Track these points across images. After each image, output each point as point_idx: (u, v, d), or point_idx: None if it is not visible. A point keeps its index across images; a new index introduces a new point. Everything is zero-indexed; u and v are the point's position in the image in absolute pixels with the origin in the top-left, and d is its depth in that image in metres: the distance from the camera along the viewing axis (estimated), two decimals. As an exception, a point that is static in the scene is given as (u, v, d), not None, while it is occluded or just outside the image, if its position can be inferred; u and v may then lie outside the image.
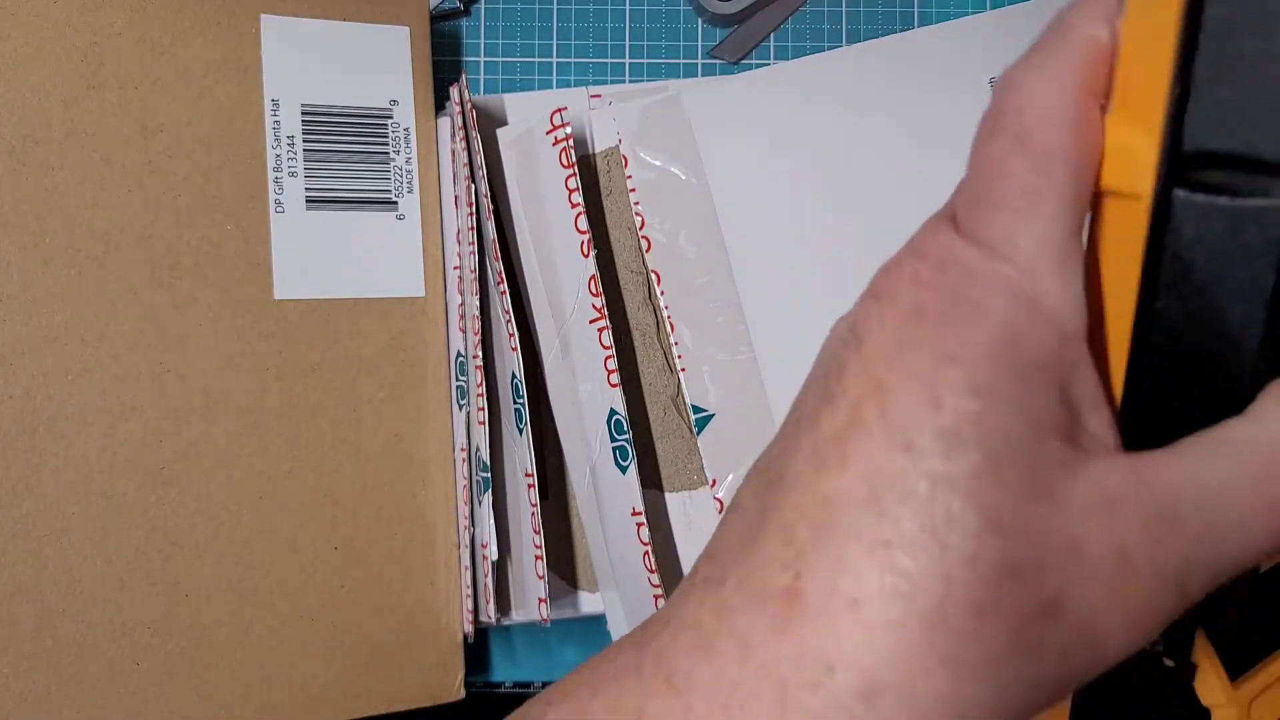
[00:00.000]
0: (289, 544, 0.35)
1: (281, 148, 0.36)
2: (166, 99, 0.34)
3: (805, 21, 0.40)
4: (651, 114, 0.37)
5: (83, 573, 0.33)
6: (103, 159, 0.33)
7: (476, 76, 0.40)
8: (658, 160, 0.37)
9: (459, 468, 0.37)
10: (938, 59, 0.37)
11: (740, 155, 0.37)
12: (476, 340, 0.35)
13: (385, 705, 0.35)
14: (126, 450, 0.33)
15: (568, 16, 0.40)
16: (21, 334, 0.32)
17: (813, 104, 0.37)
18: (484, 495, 0.36)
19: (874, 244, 0.36)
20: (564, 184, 0.36)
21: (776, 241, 0.36)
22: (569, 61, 0.40)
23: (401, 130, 0.37)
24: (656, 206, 0.36)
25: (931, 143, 0.37)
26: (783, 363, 0.36)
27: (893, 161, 0.37)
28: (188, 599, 0.34)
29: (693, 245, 0.36)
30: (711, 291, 0.36)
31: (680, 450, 0.37)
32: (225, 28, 0.35)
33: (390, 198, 0.37)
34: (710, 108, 0.37)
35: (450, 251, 0.38)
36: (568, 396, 0.36)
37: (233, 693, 0.34)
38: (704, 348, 0.36)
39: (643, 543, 0.34)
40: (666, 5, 0.40)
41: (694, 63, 0.40)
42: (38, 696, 0.32)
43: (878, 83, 0.37)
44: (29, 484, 0.32)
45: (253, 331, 0.35)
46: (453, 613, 0.37)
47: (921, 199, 0.39)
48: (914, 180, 0.37)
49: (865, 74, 0.37)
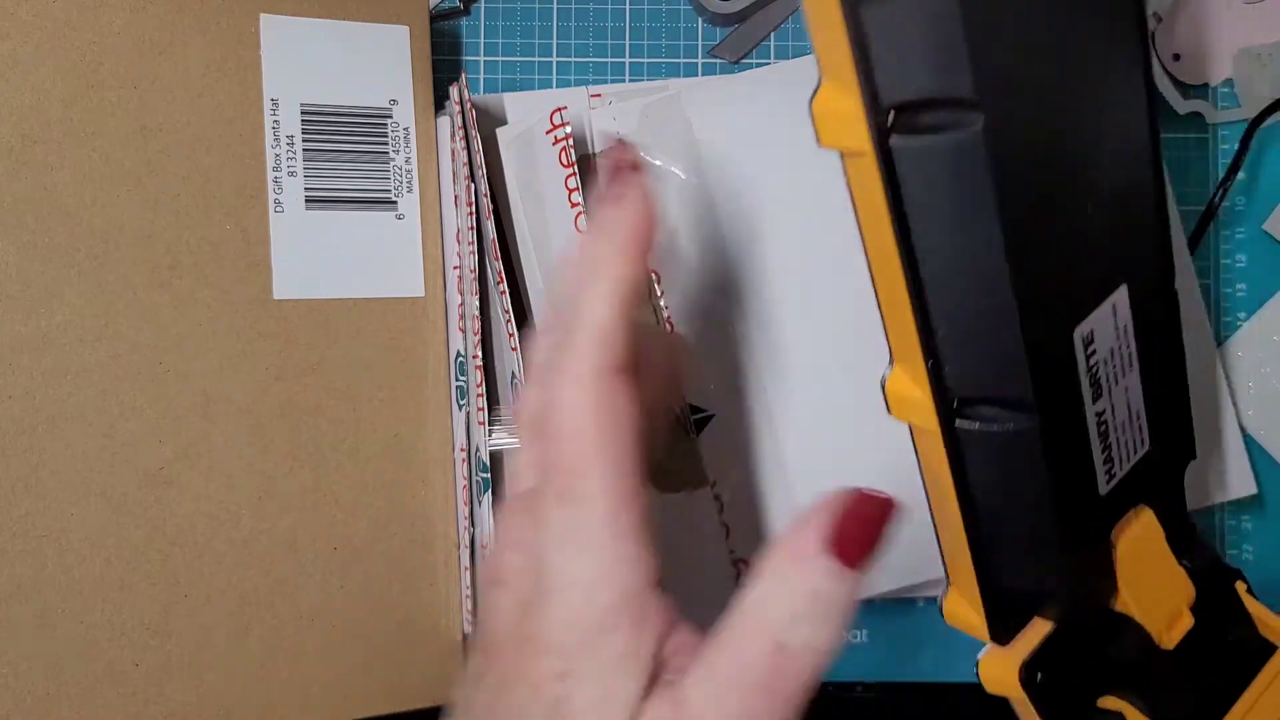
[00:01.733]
0: (289, 544, 0.35)
1: (281, 147, 0.36)
2: (166, 99, 0.34)
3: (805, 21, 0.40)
4: (651, 114, 0.37)
5: (82, 573, 0.33)
6: (102, 159, 0.33)
7: (476, 76, 0.40)
8: (658, 160, 0.37)
9: (459, 468, 0.37)
10: (938, 59, 0.37)
11: (740, 155, 0.37)
12: (476, 340, 0.35)
13: (385, 706, 0.35)
14: (126, 450, 0.33)
15: (568, 16, 0.40)
16: (21, 334, 0.32)
17: (813, 104, 0.37)
18: (484, 495, 0.36)
19: (874, 244, 0.36)
20: (564, 184, 0.35)
21: (777, 241, 0.36)
22: (569, 61, 0.40)
23: (401, 130, 0.37)
24: (656, 206, 0.36)
25: (932, 143, 0.37)
26: (783, 363, 0.36)
27: (893, 161, 0.37)
28: (187, 599, 0.34)
29: (693, 245, 0.36)
30: (711, 291, 0.36)
31: (680, 450, 0.37)
32: (225, 28, 0.35)
33: (390, 197, 0.37)
34: (710, 108, 0.37)
35: (450, 251, 0.38)
36: (568, 396, 0.36)
37: (232, 693, 0.34)
38: (704, 348, 0.36)
39: (643, 543, 0.34)
40: (666, 5, 0.40)
41: (694, 62, 0.40)
42: (38, 696, 0.32)
43: (878, 82, 0.37)
44: (29, 484, 0.32)
45: (252, 331, 0.35)
46: (453, 613, 0.36)
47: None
48: (914, 180, 0.37)
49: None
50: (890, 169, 0.22)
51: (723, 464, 0.36)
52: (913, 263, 0.23)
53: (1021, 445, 0.24)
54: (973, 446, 0.25)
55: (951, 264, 0.23)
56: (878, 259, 0.24)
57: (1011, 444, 0.24)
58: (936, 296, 0.23)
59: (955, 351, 0.24)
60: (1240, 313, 0.39)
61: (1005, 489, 0.25)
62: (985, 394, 0.24)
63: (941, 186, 0.22)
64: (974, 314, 0.23)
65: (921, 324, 0.23)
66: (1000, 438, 0.24)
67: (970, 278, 0.23)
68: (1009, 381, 0.24)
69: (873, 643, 0.39)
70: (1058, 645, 0.28)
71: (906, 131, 0.22)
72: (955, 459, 0.25)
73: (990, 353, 0.24)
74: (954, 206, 0.22)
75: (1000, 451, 0.25)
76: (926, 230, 0.23)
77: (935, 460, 0.25)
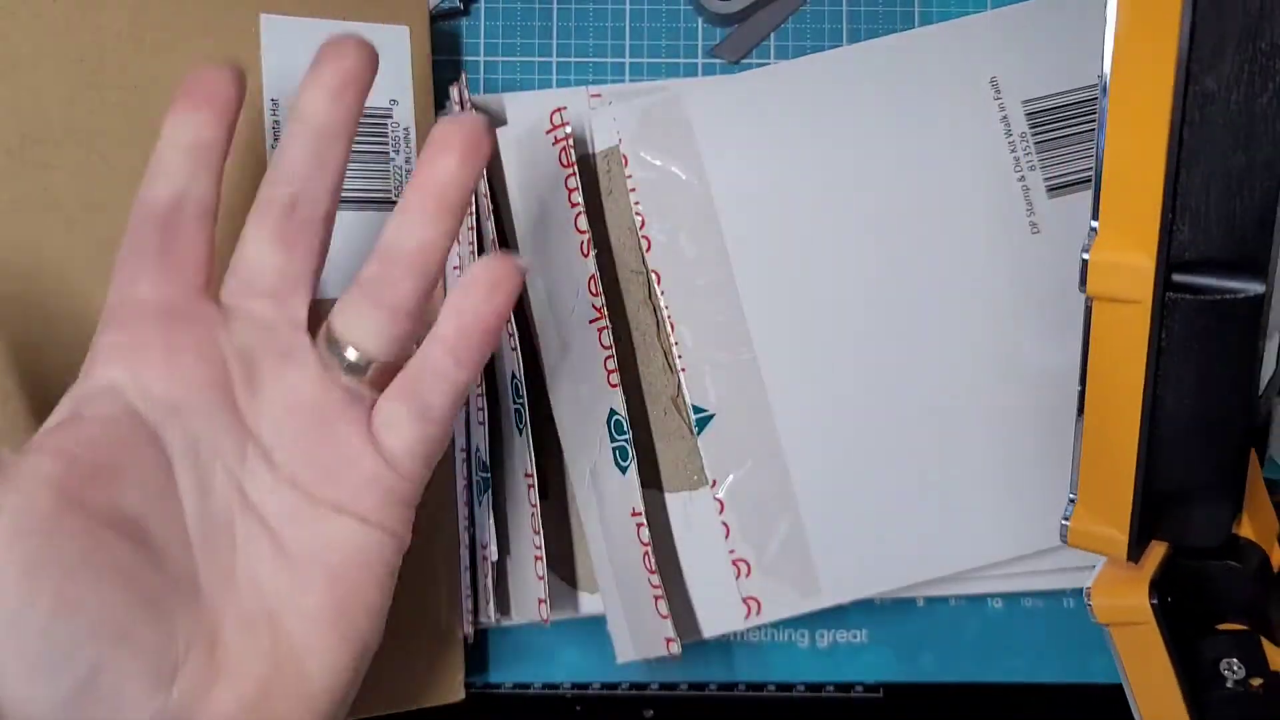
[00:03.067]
0: (289, 544, 0.35)
1: (281, 148, 0.36)
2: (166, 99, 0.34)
3: (805, 21, 0.40)
4: (651, 114, 0.37)
5: (82, 573, 0.33)
6: (102, 159, 0.33)
7: (476, 76, 0.40)
8: (658, 160, 0.37)
9: (459, 468, 0.37)
10: (938, 59, 0.37)
11: (740, 155, 0.37)
12: (476, 340, 0.35)
13: (385, 706, 0.35)
14: (126, 450, 0.33)
15: (568, 16, 0.40)
16: (21, 334, 0.32)
17: (813, 104, 0.37)
18: (484, 495, 0.36)
19: (874, 243, 0.36)
20: (564, 184, 0.36)
21: (777, 241, 0.36)
22: (569, 61, 0.40)
23: (401, 130, 0.37)
24: (656, 206, 0.36)
25: (931, 142, 0.37)
26: (783, 363, 0.36)
27: (893, 161, 0.37)
28: (187, 599, 0.34)
29: (693, 245, 0.36)
30: (711, 291, 0.36)
31: (680, 450, 0.37)
32: (225, 28, 0.35)
33: (390, 198, 0.37)
34: (710, 108, 0.37)
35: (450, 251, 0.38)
36: (568, 396, 0.36)
37: (232, 693, 0.34)
38: (704, 348, 0.36)
39: (643, 543, 0.34)
40: (666, 5, 0.40)
41: (694, 62, 0.40)
42: (37, 697, 0.32)
43: (878, 83, 0.37)
44: (29, 484, 0.32)
45: (252, 331, 0.35)
46: (453, 613, 0.36)
47: (921, 198, 0.39)
48: (914, 180, 0.37)
49: (865, 74, 0.37)
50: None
51: (723, 464, 0.36)
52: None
53: (1239, 315, 0.23)
54: (1182, 318, 0.24)
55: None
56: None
57: (1229, 314, 0.23)
58: (1191, 148, 0.23)
59: (1194, 204, 0.23)
60: (1240, 313, 0.39)
61: (1201, 369, 0.24)
62: (1213, 255, 0.23)
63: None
64: (1225, 168, 0.23)
65: (1173, 162, 0.23)
66: (1218, 306, 0.23)
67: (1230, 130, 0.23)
68: (1248, 239, 0.23)
69: (873, 643, 0.39)
70: (1180, 567, 0.28)
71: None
72: (1157, 332, 0.24)
73: (1233, 208, 0.23)
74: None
75: (1213, 322, 0.24)
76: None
77: (1131, 336, 0.25)
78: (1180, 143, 0.22)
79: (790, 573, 0.36)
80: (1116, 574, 0.28)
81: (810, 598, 0.36)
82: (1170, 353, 0.24)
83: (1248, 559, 0.27)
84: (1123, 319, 0.25)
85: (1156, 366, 0.25)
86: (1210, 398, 0.25)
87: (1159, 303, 0.24)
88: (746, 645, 0.39)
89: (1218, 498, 0.27)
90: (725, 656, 0.39)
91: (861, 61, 0.37)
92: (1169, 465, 0.26)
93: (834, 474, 0.36)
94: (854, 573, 0.36)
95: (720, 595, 0.36)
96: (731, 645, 0.39)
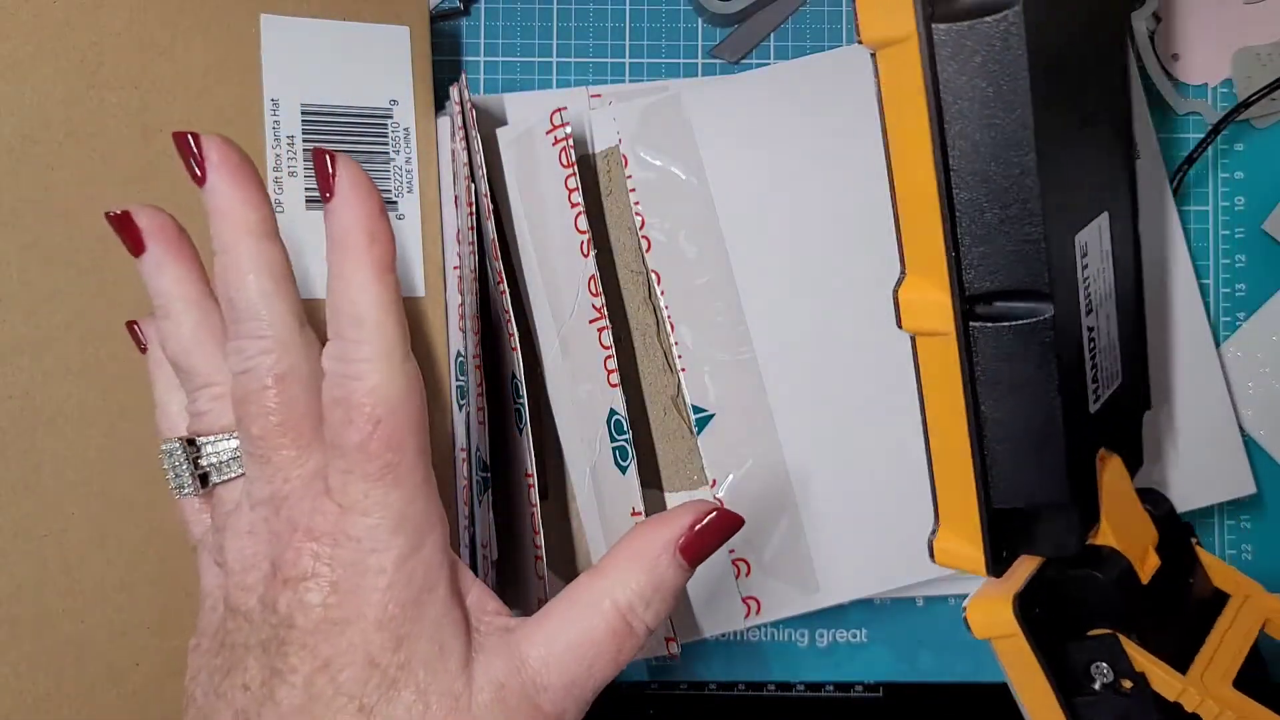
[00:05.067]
0: (289, 544, 0.35)
1: (281, 148, 0.36)
2: (166, 99, 0.34)
3: (805, 21, 0.40)
4: (651, 114, 0.37)
5: (82, 573, 0.33)
6: (102, 159, 0.33)
7: (476, 76, 0.40)
8: (658, 160, 0.37)
9: (459, 468, 0.37)
10: (938, 59, 0.37)
11: (740, 155, 0.37)
12: (476, 340, 0.35)
13: (385, 705, 0.35)
14: (126, 450, 0.33)
15: (568, 16, 0.40)
16: (21, 334, 0.32)
17: (813, 104, 0.37)
18: (484, 495, 0.36)
19: (874, 243, 0.36)
20: (564, 184, 0.36)
21: (777, 241, 0.36)
22: (569, 61, 0.40)
23: (401, 130, 0.37)
24: (656, 206, 0.36)
25: (931, 143, 0.37)
26: (783, 363, 0.36)
27: (893, 161, 0.37)
28: (188, 599, 0.34)
29: (693, 245, 0.36)
30: (711, 291, 0.36)
31: (680, 450, 0.37)
32: (225, 28, 0.35)
33: (390, 197, 0.37)
34: (710, 108, 0.37)
35: (450, 251, 0.38)
36: (568, 396, 0.36)
37: (233, 693, 0.34)
38: (704, 348, 0.36)
39: (643, 543, 0.34)
40: (666, 5, 0.40)
41: (694, 63, 0.40)
42: (38, 696, 0.32)
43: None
44: (29, 484, 0.32)
45: (253, 331, 0.35)
46: (453, 613, 0.36)
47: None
48: (914, 180, 0.37)
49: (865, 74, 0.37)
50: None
51: (723, 464, 0.36)
52: (945, 152, 0.25)
53: (1035, 335, 0.26)
54: (986, 345, 0.26)
55: (982, 151, 0.25)
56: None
57: (1026, 335, 0.26)
58: (963, 191, 0.25)
59: (975, 244, 0.26)
60: (1240, 313, 0.39)
61: (1014, 389, 0.27)
62: (1002, 286, 0.26)
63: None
64: (1000, 206, 0.25)
65: (947, 219, 0.25)
66: (1015, 331, 0.26)
67: (1000, 163, 0.25)
68: (1028, 270, 0.26)
69: (873, 643, 0.39)
70: (1046, 579, 0.29)
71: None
72: (968, 360, 0.27)
73: (1011, 244, 0.26)
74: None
75: (1014, 345, 0.26)
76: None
77: (947, 365, 0.27)
78: (950, 201, 0.25)
79: (790, 572, 0.36)
80: (990, 590, 0.29)
81: (810, 597, 0.36)
82: (985, 377, 0.27)
83: (1109, 568, 0.29)
84: (938, 350, 0.27)
85: (974, 390, 0.27)
86: (1031, 414, 0.27)
87: (963, 333, 0.26)
88: (746, 645, 0.39)
89: (1066, 509, 0.28)
90: (725, 656, 0.39)
91: (861, 62, 0.37)
92: (1009, 481, 0.28)
93: (834, 474, 0.36)
94: (853, 572, 0.36)
95: (720, 595, 0.36)
96: (731, 645, 0.39)
